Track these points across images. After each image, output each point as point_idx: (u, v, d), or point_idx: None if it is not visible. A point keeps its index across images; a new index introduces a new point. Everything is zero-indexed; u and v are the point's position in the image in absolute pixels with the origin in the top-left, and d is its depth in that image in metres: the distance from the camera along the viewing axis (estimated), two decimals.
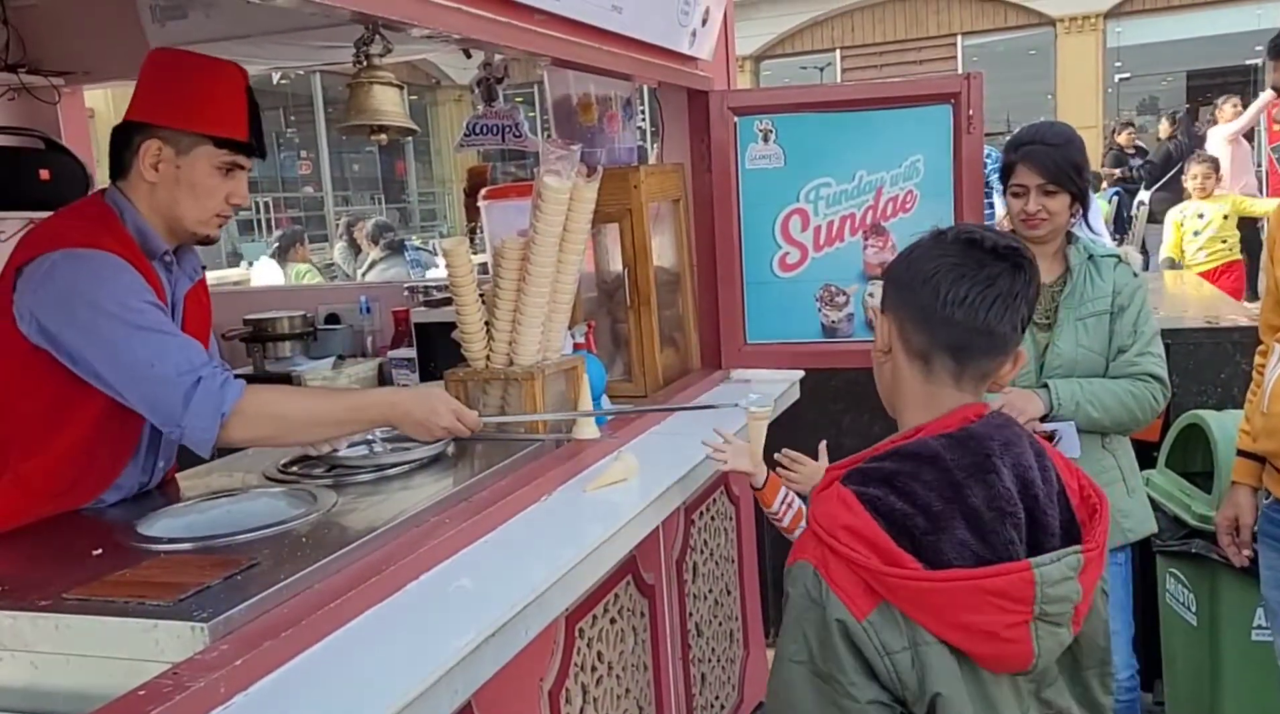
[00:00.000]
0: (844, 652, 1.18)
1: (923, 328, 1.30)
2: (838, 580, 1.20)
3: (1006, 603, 1.16)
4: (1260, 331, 2.28)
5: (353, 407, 1.80)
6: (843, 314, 2.89)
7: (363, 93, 1.95)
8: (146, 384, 1.64)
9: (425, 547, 1.58)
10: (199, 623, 1.25)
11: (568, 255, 2.16)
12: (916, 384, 1.33)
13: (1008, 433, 1.28)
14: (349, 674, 1.27)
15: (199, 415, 1.63)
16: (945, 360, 1.30)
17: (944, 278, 1.27)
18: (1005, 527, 1.20)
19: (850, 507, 1.22)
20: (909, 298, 1.31)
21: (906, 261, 1.34)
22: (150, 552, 1.52)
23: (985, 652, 1.18)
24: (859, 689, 1.17)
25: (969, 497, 1.20)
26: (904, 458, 1.25)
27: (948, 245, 1.30)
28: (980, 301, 1.26)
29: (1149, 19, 15.68)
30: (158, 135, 1.73)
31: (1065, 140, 2.30)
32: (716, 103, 2.89)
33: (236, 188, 1.81)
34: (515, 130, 3.24)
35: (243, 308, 3.59)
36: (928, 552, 1.18)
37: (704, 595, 2.66)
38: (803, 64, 17.43)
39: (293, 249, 7.44)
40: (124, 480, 1.83)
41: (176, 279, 1.85)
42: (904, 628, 1.18)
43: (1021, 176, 2.28)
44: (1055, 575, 1.18)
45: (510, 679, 1.59)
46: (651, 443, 2.32)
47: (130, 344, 1.62)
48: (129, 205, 1.76)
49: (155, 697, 1.13)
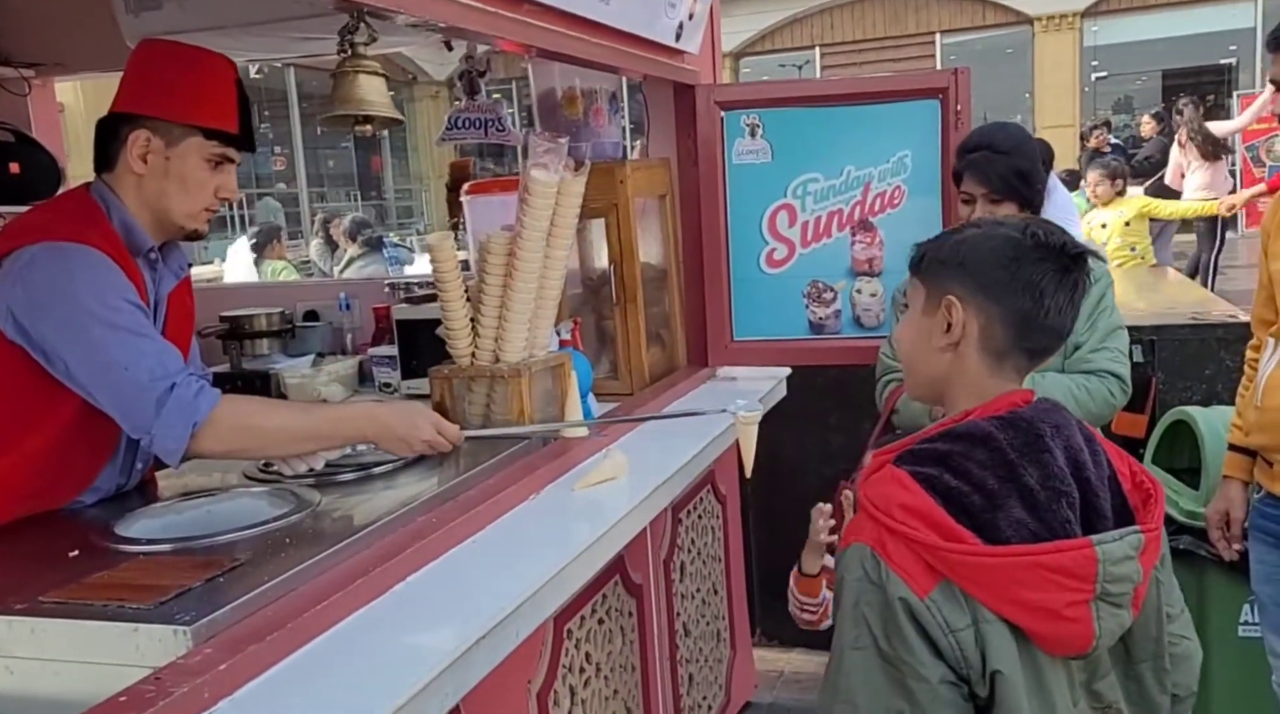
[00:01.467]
0: (910, 631, 1.16)
1: (1015, 331, 1.28)
2: (896, 560, 1.18)
3: (1068, 580, 1.15)
4: (1252, 325, 2.27)
5: (332, 421, 1.75)
6: (830, 311, 2.88)
7: (347, 82, 1.91)
8: (118, 387, 1.59)
9: (412, 547, 1.54)
10: (181, 626, 1.22)
11: (555, 250, 2.13)
12: (981, 377, 1.31)
13: (1057, 417, 1.28)
14: (336, 679, 1.24)
15: (170, 424, 1.58)
16: (1021, 360, 1.30)
17: (1049, 287, 1.27)
18: (1061, 506, 1.19)
19: (906, 485, 1.21)
20: (1004, 299, 1.28)
21: (996, 259, 1.29)
22: (128, 553, 1.48)
23: (1046, 630, 1.17)
24: (928, 669, 1.16)
25: (1023, 475, 1.20)
26: (956, 438, 1.24)
27: (1047, 251, 1.27)
28: (1070, 308, 1.28)
29: (1125, 18, 15.82)
30: (146, 126, 1.69)
31: (1013, 146, 2.24)
32: (703, 97, 2.86)
33: (226, 181, 1.77)
34: (498, 124, 3.20)
35: (219, 305, 3.52)
36: (986, 529, 1.17)
37: (691, 595, 2.64)
38: (782, 61, 17.46)
39: (269, 246, 7.35)
40: (101, 482, 1.78)
41: (161, 277, 1.80)
42: (966, 605, 1.17)
43: (968, 185, 2.24)
44: (1117, 554, 1.17)
45: (498, 681, 1.56)
46: (640, 441, 2.29)
47: (105, 344, 1.58)
48: (115, 199, 1.72)
49: (137, 703, 1.10)
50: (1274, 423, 2.07)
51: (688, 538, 2.63)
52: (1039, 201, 2.24)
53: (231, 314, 3.37)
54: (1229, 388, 2.90)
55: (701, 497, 2.75)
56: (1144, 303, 3.74)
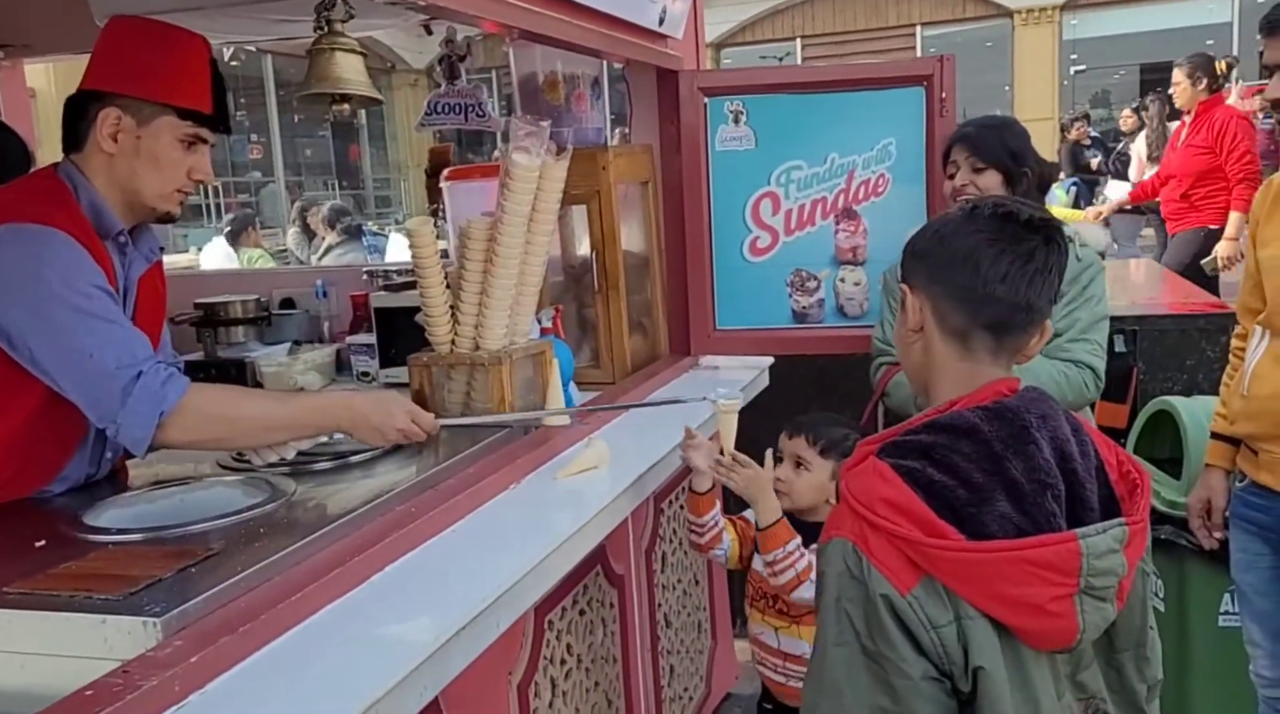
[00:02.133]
0: (892, 628, 1.14)
1: (962, 306, 1.27)
2: (878, 555, 1.16)
3: (1052, 575, 1.13)
4: (1238, 314, 2.27)
5: (305, 410, 1.71)
6: (814, 299, 2.86)
7: (324, 59, 1.86)
8: (83, 374, 1.55)
9: (391, 537, 1.51)
10: (151, 618, 1.18)
11: (536, 236, 2.09)
12: (952, 362, 1.30)
13: (1044, 406, 1.25)
14: (312, 671, 1.21)
15: (136, 413, 1.54)
16: (984, 338, 1.28)
17: (984, 255, 1.25)
18: (1046, 499, 1.17)
19: (888, 479, 1.19)
20: (945, 276, 1.28)
21: (938, 239, 1.30)
22: (98, 543, 1.44)
23: (1030, 626, 1.15)
24: (910, 665, 1.14)
25: (1009, 468, 1.18)
26: (940, 430, 1.22)
27: (983, 221, 1.27)
28: (1021, 277, 1.24)
29: (1104, 12, 15.90)
30: (117, 104, 1.64)
31: (1001, 123, 2.31)
32: (686, 83, 2.83)
33: (199, 162, 1.72)
34: (478, 110, 3.16)
35: (193, 292, 3.46)
36: (970, 524, 1.15)
37: (673, 586, 2.62)
38: (763, 53, 17.43)
39: (244, 233, 7.25)
40: (70, 471, 1.73)
41: (131, 261, 1.75)
42: (948, 601, 1.15)
43: (955, 154, 2.28)
44: (1101, 547, 1.15)
45: (478, 673, 1.53)
46: (622, 430, 2.27)
47: (71, 330, 1.53)
48: (84, 180, 1.67)
49: (104, 697, 1.06)
50: (1261, 411, 2.07)
51: (669, 528, 2.61)
52: (1027, 185, 2.23)
53: (206, 301, 3.32)
54: (1210, 378, 2.90)
55: (684, 486, 2.72)
56: (1125, 294, 3.74)
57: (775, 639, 2.08)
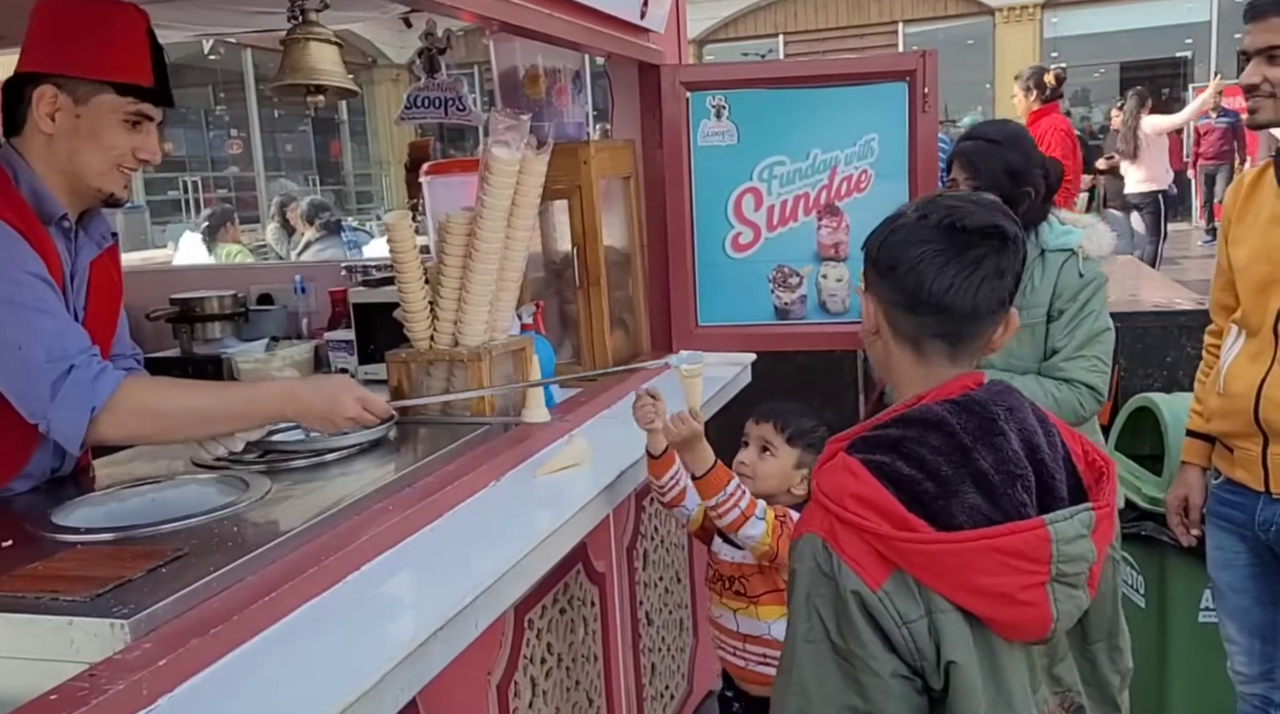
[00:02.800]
0: (862, 624, 1.13)
1: (909, 316, 1.26)
2: (848, 551, 1.15)
3: (1022, 563, 1.12)
4: (1211, 311, 2.27)
5: (246, 401, 1.66)
6: (796, 296, 2.84)
7: (298, 50, 1.82)
8: (10, 367, 1.50)
9: (367, 535, 1.49)
10: (119, 619, 1.15)
11: (516, 231, 2.07)
12: (907, 364, 1.29)
13: (1010, 399, 1.25)
14: (285, 674, 1.19)
15: (67, 408, 1.49)
16: (936, 344, 1.26)
17: (928, 266, 1.22)
18: (1016, 489, 1.16)
19: (857, 474, 1.18)
20: (893, 285, 1.26)
21: (888, 245, 1.27)
22: (65, 543, 1.41)
23: (1002, 617, 1.14)
24: (879, 663, 1.13)
25: (978, 460, 1.17)
26: (909, 424, 1.21)
27: (929, 230, 1.24)
28: (967, 287, 1.21)
29: (1084, 10, 15.97)
30: (52, 82, 1.59)
31: (1005, 139, 2.24)
32: (669, 77, 2.81)
33: (145, 141, 1.66)
34: (458, 103, 3.13)
35: (169, 287, 3.43)
36: (939, 516, 1.14)
37: (654, 583, 2.60)
38: (745, 49, 17.42)
39: (222, 229, 7.16)
40: (33, 467, 1.69)
41: (80, 247, 1.70)
42: (919, 596, 1.13)
43: (955, 171, 2.25)
44: (1070, 533, 1.14)
45: (457, 673, 1.51)
46: (602, 427, 2.25)
47: (1, 319, 1.48)
48: (23, 164, 1.61)
49: (69, 701, 1.04)
50: (1236, 410, 2.06)
51: (651, 525, 2.59)
52: (1027, 205, 2.18)
53: (182, 296, 3.28)
54: (1190, 375, 2.90)
55: None
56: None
57: (734, 621, 2.06)
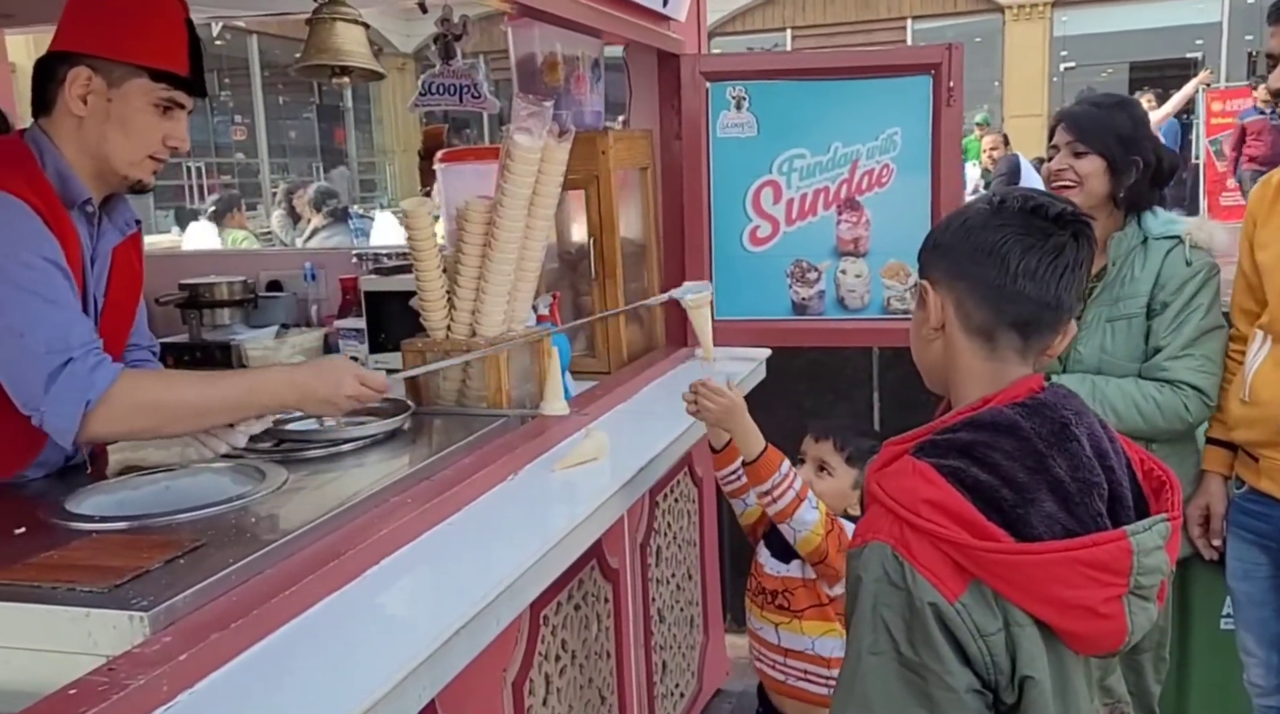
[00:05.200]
0: (937, 637, 1.09)
1: (987, 304, 1.22)
2: (922, 560, 1.11)
3: (1104, 575, 1.09)
4: (1233, 317, 2.22)
5: (243, 390, 1.60)
6: (814, 291, 2.81)
7: (324, 30, 1.78)
8: (10, 354, 1.46)
9: (386, 529, 1.46)
10: (138, 612, 1.13)
11: (536, 220, 2.04)
12: (977, 361, 1.24)
13: (1075, 402, 1.22)
14: (306, 671, 1.16)
15: (61, 401, 1.44)
16: (1011, 336, 1.22)
17: (1012, 250, 1.19)
18: (1092, 498, 1.13)
19: (930, 480, 1.14)
20: (970, 271, 1.22)
21: (962, 232, 1.24)
22: (80, 531, 1.38)
23: (1081, 629, 1.11)
24: (955, 677, 1.09)
25: (1053, 467, 1.13)
26: (980, 427, 1.17)
27: (1010, 215, 1.21)
28: (1050, 273, 1.19)
29: (1094, 9, 15.89)
30: (87, 64, 1.55)
31: (1114, 104, 2.16)
32: (688, 67, 2.77)
33: (175, 129, 1.63)
34: (474, 90, 3.08)
35: (178, 272, 3.40)
36: (1017, 525, 1.11)
37: (667, 580, 2.57)
38: (752, 43, 17.36)
39: (229, 214, 7.14)
40: (47, 455, 1.66)
41: (103, 232, 1.67)
42: (996, 608, 1.10)
43: (1056, 136, 2.17)
44: (1149, 544, 1.11)
45: (473, 671, 1.47)
46: (620, 421, 2.22)
47: (5, 304, 1.44)
48: (50, 145, 1.58)
49: (89, 696, 1.01)
50: (1262, 418, 2.02)
51: (664, 521, 2.56)
52: (1134, 177, 2.09)
53: (191, 282, 3.24)
54: None
55: (679, 479, 2.68)
56: None
57: (775, 635, 2.04)
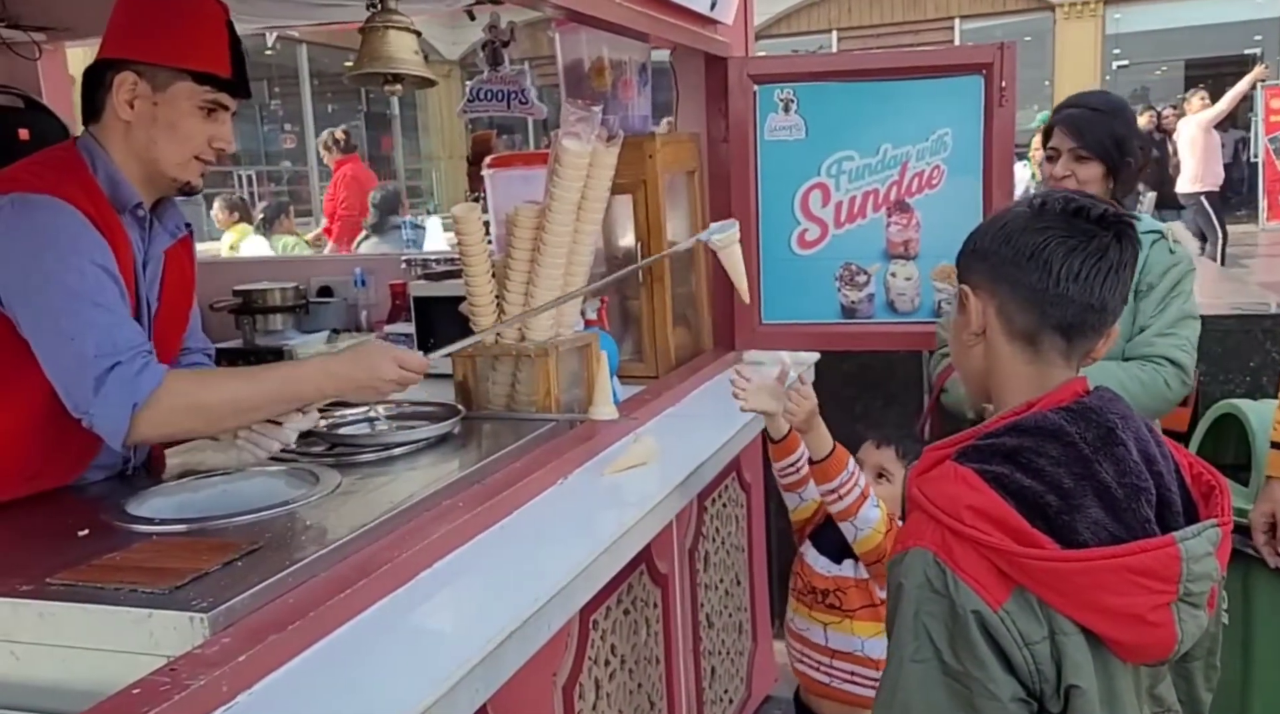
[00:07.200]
0: (981, 645, 1.07)
1: (1031, 307, 1.20)
2: (965, 567, 1.10)
3: (1153, 582, 1.07)
4: None
5: (281, 381, 1.62)
6: (863, 294, 2.78)
7: (377, 38, 1.80)
8: (60, 358, 1.49)
9: (438, 533, 1.47)
10: (198, 613, 1.14)
11: (585, 224, 2.04)
12: (1019, 365, 1.23)
13: (1121, 406, 1.19)
14: (362, 673, 1.16)
15: (109, 404, 1.47)
16: (1055, 340, 1.21)
17: (1055, 252, 1.18)
18: (1140, 504, 1.11)
19: (974, 486, 1.12)
20: (1012, 275, 1.21)
21: (1002, 236, 1.22)
22: (141, 534, 1.41)
23: (1129, 638, 1.09)
24: (999, 686, 1.07)
25: (1099, 472, 1.11)
26: (1024, 432, 1.15)
27: (1052, 217, 1.20)
28: (1095, 275, 1.17)
29: (1148, 6, 15.59)
30: (133, 69, 1.59)
31: (1111, 108, 2.19)
32: (736, 70, 2.76)
33: (220, 130, 1.66)
34: (521, 96, 3.11)
35: (231, 278, 3.45)
36: (1063, 532, 1.09)
37: (715, 585, 2.56)
38: (796, 45, 17.27)
39: (278, 221, 7.25)
40: (104, 458, 1.69)
41: (154, 236, 1.70)
42: (1041, 616, 1.08)
43: (1056, 139, 2.18)
44: (1199, 551, 1.09)
45: (525, 675, 1.47)
46: (668, 426, 2.21)
47: (55, 310, 1.47)
48: (101, 151, 1.62)
49: (152, 695, 1.03)
50: None
51: (712, 526, 2.55)
52: (1127, 176, 2.14)
53: (244, 288, 3.29)
54: (1275, 381, 2.80)
55: (727, 485, 2.66)
56: None
57: (823, 635, 2.02)
